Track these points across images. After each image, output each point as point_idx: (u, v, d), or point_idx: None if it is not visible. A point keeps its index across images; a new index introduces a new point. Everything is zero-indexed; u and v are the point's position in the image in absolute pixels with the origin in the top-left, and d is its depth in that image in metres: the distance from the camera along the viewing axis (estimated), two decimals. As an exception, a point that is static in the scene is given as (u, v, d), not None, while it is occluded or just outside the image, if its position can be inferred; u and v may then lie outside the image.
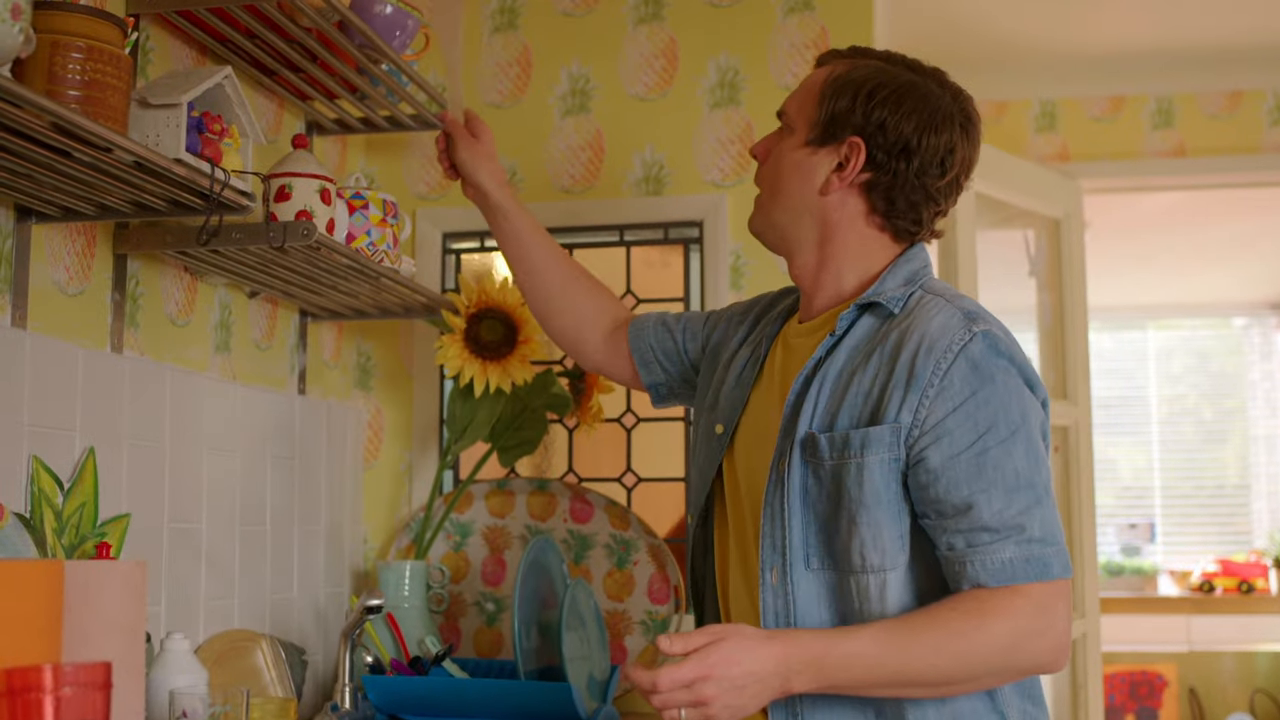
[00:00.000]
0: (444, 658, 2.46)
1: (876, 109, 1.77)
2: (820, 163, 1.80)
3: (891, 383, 1.67)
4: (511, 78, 2.99)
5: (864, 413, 1.69)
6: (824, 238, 1.83)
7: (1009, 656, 1.63)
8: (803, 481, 1.72)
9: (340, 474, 2.80)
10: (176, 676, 1.84)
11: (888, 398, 1.67)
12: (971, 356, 1.65)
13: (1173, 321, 7.56)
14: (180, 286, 2.26)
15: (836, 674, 1.60)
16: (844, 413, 1.70)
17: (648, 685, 1.55)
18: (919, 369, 1.65)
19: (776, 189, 1.85)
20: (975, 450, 1.63)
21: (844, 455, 1.68)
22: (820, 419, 1.72)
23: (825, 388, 1.74)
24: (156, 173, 1.76)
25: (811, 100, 1.81)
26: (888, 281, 1.79)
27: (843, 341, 1.76)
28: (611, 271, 2.92)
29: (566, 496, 2.81)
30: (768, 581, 1.72)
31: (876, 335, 1.74)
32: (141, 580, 1.60)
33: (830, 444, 1.69)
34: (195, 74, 1.90)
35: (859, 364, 1.73)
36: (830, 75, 1.81)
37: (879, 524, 1.66)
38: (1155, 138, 4.22)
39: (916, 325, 1.70)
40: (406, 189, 2.98)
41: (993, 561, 1.61)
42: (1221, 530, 7.38)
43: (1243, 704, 6.69)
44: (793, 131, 1.83)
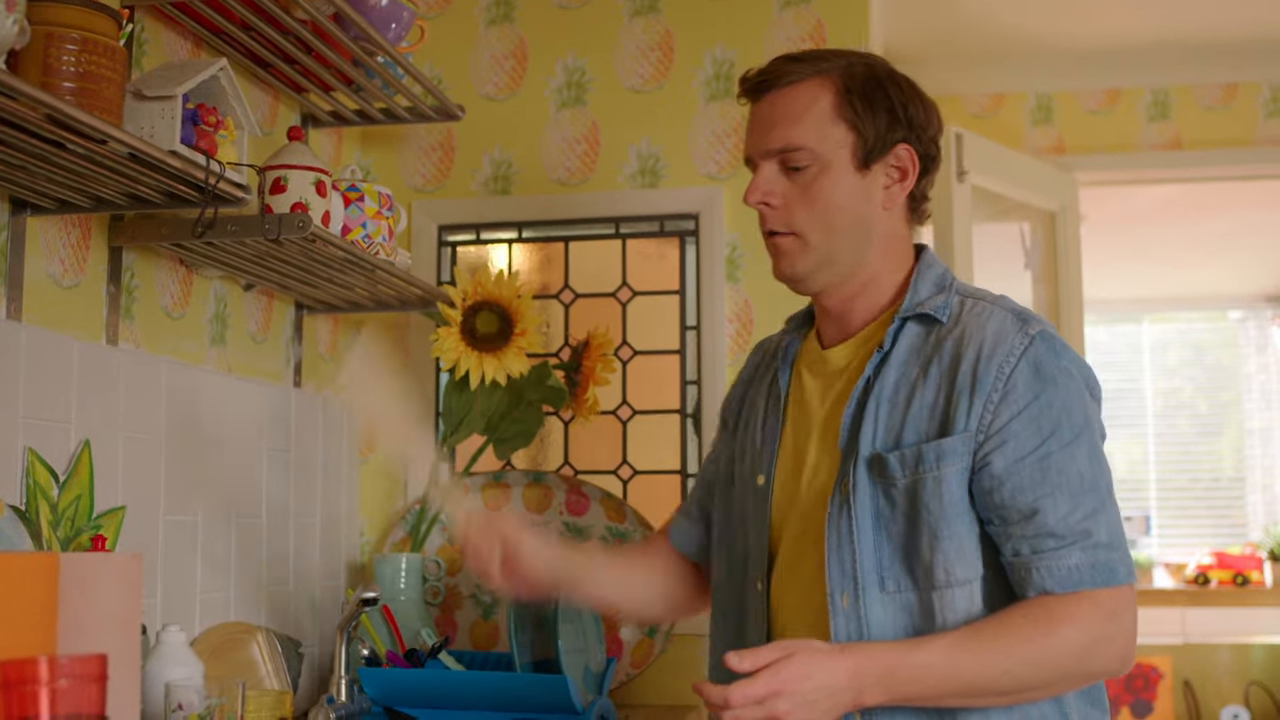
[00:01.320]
0: (440, 650, 2.46)
1: (910, 108, 1.74)
2: (874, 181, 1.73)
3: (955, 392, 1.65)
4: (507, 70, 2.98)
5: (930, 426, 1.66)
6: (878, 255, 1.76)
7: (1079, 663, 1.62)
8: (873, 503, 1.68)
9: (336, 467, 2.80)
10: (172, 669, 1.84)
11: (954, 407, 1.65)
12: (1034, 360, 1.65)
13: (1168, 315, 7.57)
14: (176, 279, 2.26)
15: (908, 685, 1.58)
16: (909, 428, 1.67)
17: (719, 701, 1.50)
18: (981, 375, 1.64)
19: (832, 226, 1.72)
20: (1039, 455, 1.63)
21: (918, 471, 1.65)
22: (883, 437, 1.68)
23: (883, 405, 1.69)
24: (151, 165, 1.76)
25: (828, 123, 1.71)
26: (921, 288, 1.76)
27: (890, 356, 1.72)
28: (607, 264, 2.92)
29: (562, 489, 2.81)
30: (839, 606, 1.67)
31: (927, 346, 1.71)
32: (137, 573, 1.59)
33: (901, 461, 1.66)
34: (190, 66, 1.90)
35: (917, 378, 1.69)
36: (839, 90, 1.72)
37: (960, 536, 1.65)
38: (1151, 130, 4.22)
39: (971, 333, 1.68)
40: (402, 181, 2.98)
41: (1059, 568, 1.61)
42: (1217, 523, 7.39)
43: (1238, 696, 6.70)
44: (822, 163, 1.71)
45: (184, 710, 1.73)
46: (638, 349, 2.89)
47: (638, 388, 2.89)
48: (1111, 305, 7.36)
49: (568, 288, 2.94)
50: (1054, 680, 1.63)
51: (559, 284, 2.94)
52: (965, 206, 3.56)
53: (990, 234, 3.92)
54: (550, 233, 2.96)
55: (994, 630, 1.61)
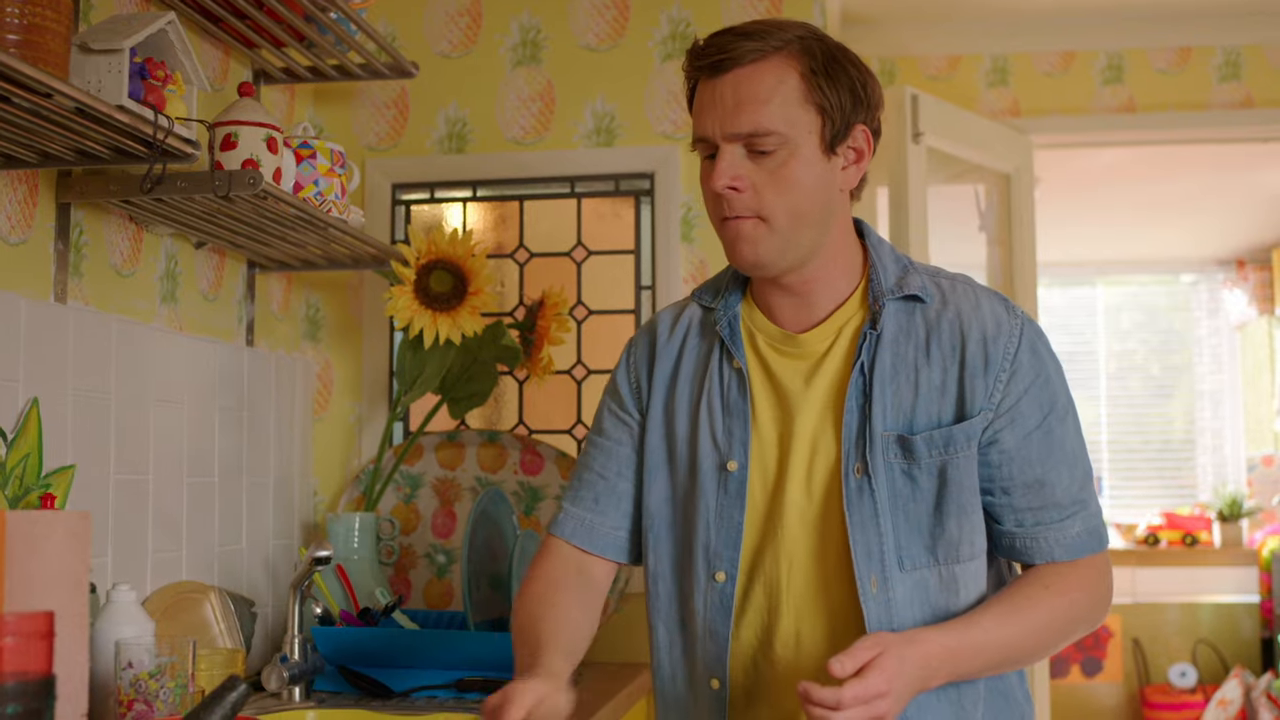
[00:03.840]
0: (394, 609, 2.46)
1: (867, 86, 1.70)
2: (836, 165, 1.70)
3: (967, 372, 1.68)
4: (461, 28, 2.96)
5: (944, 406, 1.69)
6: (832, 237, 1.72)
7: (1083, 624, 1.72)
8: (890, 484, 1.67)
9: (289, 426, 2.79)
10: (123, 627, 1.83)
11: (968, 388, 1.68)
12: (1030, 341, 1.72)
13: (1122, 278, 7.62)
14: (125, 236, 2.24)
15: (967, 664, 1.62)
16: (921, 409, 1.68)
17: (832, 703, 1.45)
18: (991, 355, 1.69)
19: (799, 211, 1.66)
20: (1043, 430, 1.70)
21: (948, 451, 1.67)
22: (893, 419, 1.68)
23: (887, 386, 1.69)
24: (99, 119, 1.74)
25: (797, 106, 1.66)
26: (886, 268, 1.75)
27: (881, 337, 1.70)
28: (562, 223, 2.92)
29: (517, 449, 2.81)
30: (868, 591, 1.65)
31: (915, 326, 1.71)
32: (85, 531, 1.58)
33: (929, 443, 1.67)
34: (138, 19, 1.88)
35: (917, 358, 1.70)
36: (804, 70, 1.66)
37: (978, 510, 1.70)
38: (1105, 93, 4.24)
39: (967, 313, 1.71)
40: (355, 139, 2.96)
41: (1065, 537, 1.69)
42: (1167, 484, 7.47)
43: (1185, 654, 6.80)
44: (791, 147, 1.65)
45: (134, 668, 1.72)
46: (592, 308, 2.89)
47: (592, 347, 2.89)
48: (1066, 268, 7.41)
49: (522, 247, 2.93)
50: (1063, 642, 1.72)
51: (514, 243, 2.94)
52: (920, 168, 3.57)
53: (945, 196, 3.93)
54: (505, 191, 2.95)
55: (1021, 601, 1.67)
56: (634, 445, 1.84)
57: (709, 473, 1.75)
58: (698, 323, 1.83)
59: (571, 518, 1.84)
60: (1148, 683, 6.76)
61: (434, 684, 2.28)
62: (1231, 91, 4.18)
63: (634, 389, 1.85)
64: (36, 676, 1.22)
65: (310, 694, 2.28)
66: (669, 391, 1.82)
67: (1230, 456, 7.41)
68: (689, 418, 1.78)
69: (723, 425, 1.75)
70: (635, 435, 1.84)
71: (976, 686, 1.69)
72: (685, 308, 1.87)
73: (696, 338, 1.82)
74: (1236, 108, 4.18)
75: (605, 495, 1.83)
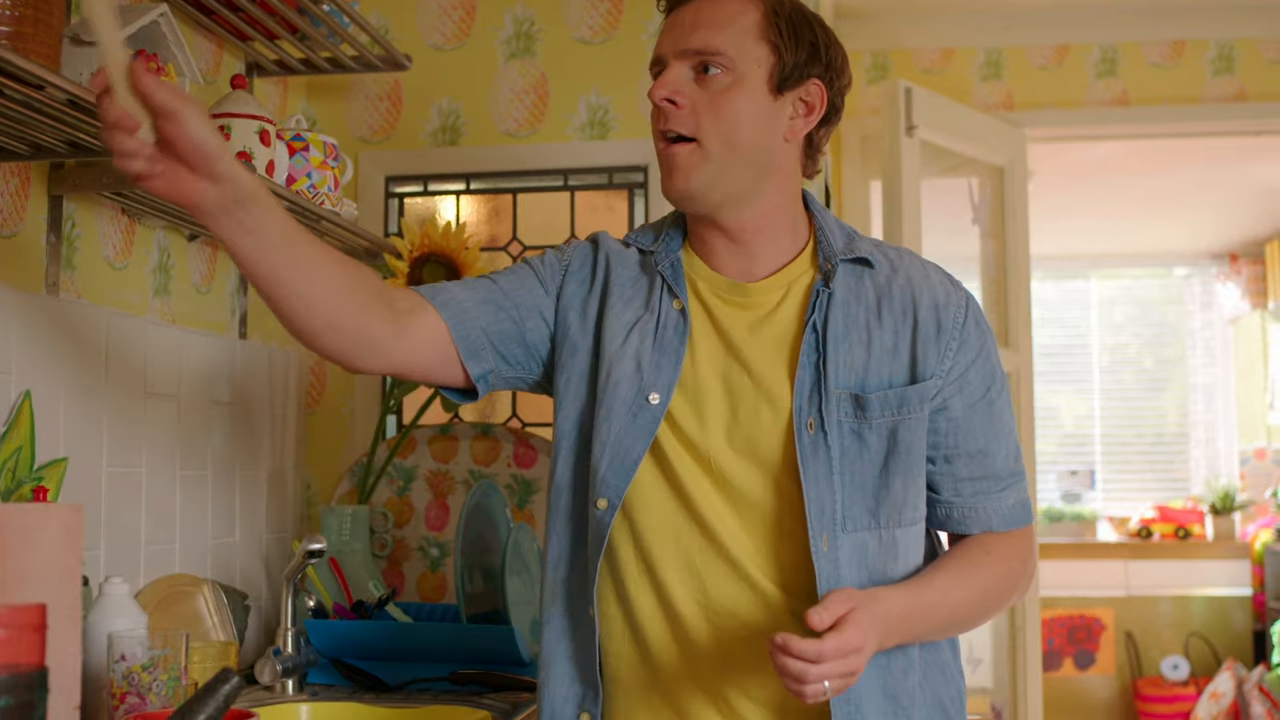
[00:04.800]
0: (387, 602, 2.46)
1: (830, 50, 1.71)
2: (782, 109, 1.69)
3: (920, 337, 1.69)
4: (455, 20, 2.96)
5: (896, 368, 1.69)
6: (774, 188, 1.72)
7: (1015, 593, 1.77)
8: (840, 442, 1.66)
9: (283, 419, 2.78)
10: (115, 620, 1.83)
11: (921, 351, 1.69)
12: (974, 313, 1.75)
13: (1115, 271, 7.63)
14: (118, 228, 2.23)
15: (919, 625, 1.64)
16: (873, 369, 1.68)
17: (814, 655, 1.44)
18: (944, 322, 1.71)
19: (734, 141, 1.66)
20: (986, 400, 1.73)
21: (901, 412, 1.67)
22: (845, 377, 1.67)
23: (840, 345, 1.67)
24: (90, 111, 1.73)
25: (751, 39, 1.66)
26: (834, 232, 1.76)
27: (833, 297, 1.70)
28: (556, 216, 2.91)
29: (510, 441, 2.81)
30: (820, 549, 1.63)
31: (864, 290, 1.71)
32: (78, 523, 1.58)
33: (884, 402, 1.67)
34: (130, 11, 1.87)
35: (868, 320, 1.70)
36: (767, 10, 1.68)
37: (923, 476, 1.72)
38: (1099, 87, 4.24)
39: (918, 280, 1.73)
40: (349, 131, 2.95)
41: (1002, 507, 1.74)
42: (1160, 478, 7.49)
43: (1178, 647, 6.82)
44: (737, 75, 1.65)
45: (127, 661, 1.72)
46: (586, 302, 2.89)
47: (586, 341, 2.89)
48: (1059, 261, 7.42)
49: (516, 239, 2.93)
50: (998, 609, 1.77)
51: (507, 236, 2.93)
52: (913, 161, 3.57)
53: (939, 189, 3.94)
54: (498, 184, 2.95)
55: (968, 566, 1.71)
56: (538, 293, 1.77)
57: (623, 399, 1.69)
58: (634, 263, 1.80)
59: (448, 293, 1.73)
60: (1140, 675, 6.78)
61: (428, 677, 2.28)
62: (1225, 85, 4.19)
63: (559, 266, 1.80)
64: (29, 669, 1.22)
65: (304, 687, 2.28)
66: (600, 309, 1.76)
67: (1223, 450, 7.43)
68: (620, 342, 1.73)
69: (651, 359, 1.71)
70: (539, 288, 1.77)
71: (909, 654, 1.68)
72: (619, 245, 1.83)
73: (632, 276, 1.78)
74: (1230, 101, 4.19)
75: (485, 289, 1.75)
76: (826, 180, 2.89)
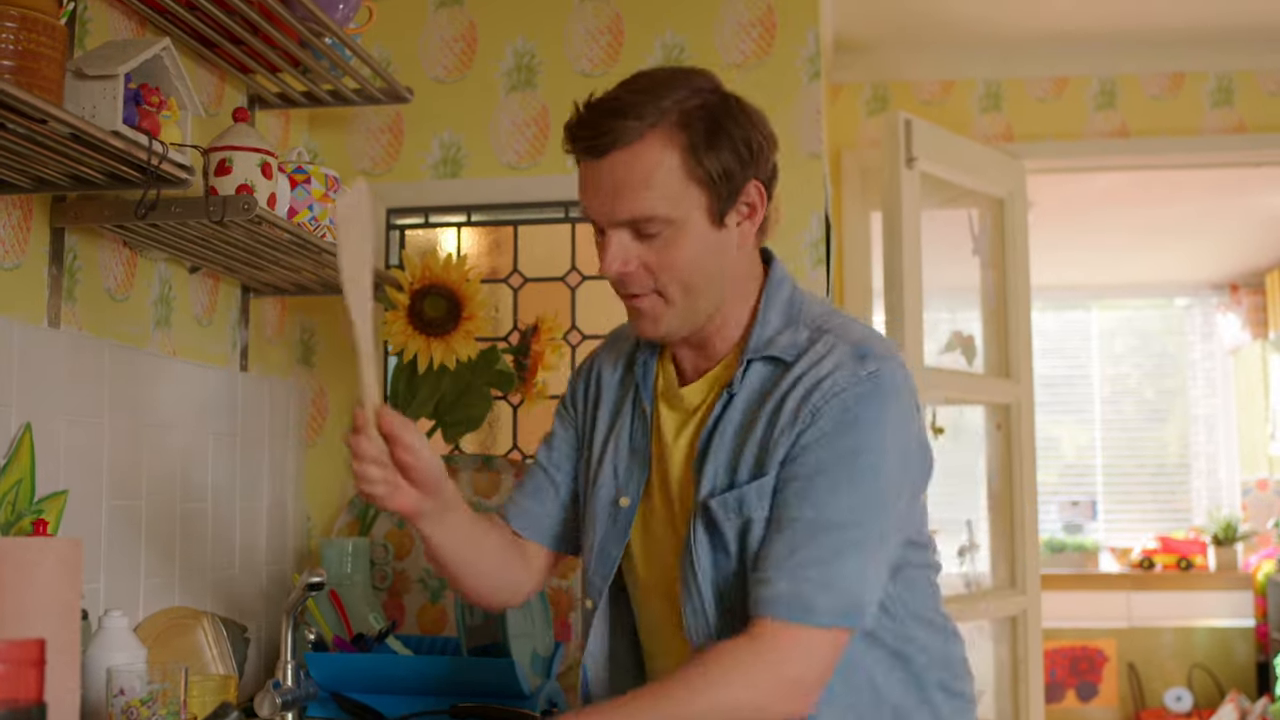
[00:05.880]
0: (387, 634, 2.45)
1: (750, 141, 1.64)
2: (729, 231, 1.66)
3: (776, 430, 1.63)
4: (456, 53, 2.97)
5: (753, 465, 1.64)
6: (733, 291, 1.71)
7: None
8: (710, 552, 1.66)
9: (283, 451, 2.78)
10: (114, 654, 1.83)
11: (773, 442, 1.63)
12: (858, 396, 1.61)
13: (1116, 302, 7.64)
14: (119, 261, 2.23)
15: None
16: (741, 469, 1.65)
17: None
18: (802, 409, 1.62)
19: (692, 285, 1.65)
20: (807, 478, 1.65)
21: (742, 512, 1.64)
22: (720, 478, 1.66)
23: (724, 447, 1.67)
24: (93, 145, 1.74)
25: (679, 185, 1.61)
26: (770, 320, 1.71)
27: (736, 398, 1.69)
28: (556, 248, 2.92)
29: (511, 473, 2.80)
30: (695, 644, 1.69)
31: (778, 385, 1.66)
32: (77, 557, 1.58)
33: (724, 506, 1.65)
34: (133, 45, 1.88)
35: (741, 419, 1.67)
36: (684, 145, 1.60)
37: None
38: (1098, 119, 4.25)
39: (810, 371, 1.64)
40: (350, 163, 2.96)
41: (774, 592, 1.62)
42: (1161, 508, 7.48)
43: (1181, 679, 6.79)
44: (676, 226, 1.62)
45: (125, 695, 1.72)
46: (586, 333, 2.89)
47: (587, 372, 2.89)
48: (1060, 292, 7.43)
49: (516, 272, 2.93)
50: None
51: (508, 268, 2.94)
52: (914, 193, 3.57)
53: (939, 220, 3.94)
54: (499, 216, 2.95)
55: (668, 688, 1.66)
56: (572, 443, 1.92)
57: (602, 504, 1.81)
58: (626, 359, 1.88)
59: (513, 503, 1.92)
60: (1143, 707, 6.75)
61: (428, 710, 2.26)
62: (1224, 117, 4.20)
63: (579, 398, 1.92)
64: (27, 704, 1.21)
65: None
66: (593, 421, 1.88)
67: (1225, 480, 7.42)
68: (601, 451, 1.84)
69: (626, 463, 1.80)
70: (572, 434, 1.92)
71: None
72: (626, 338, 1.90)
73: (623, 372, 1.88)
74: (1229, 133, 4.20)
75: (544, 485, 1.91)
76: (826, 212, 2.89)
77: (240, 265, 2.43)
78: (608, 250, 1.64)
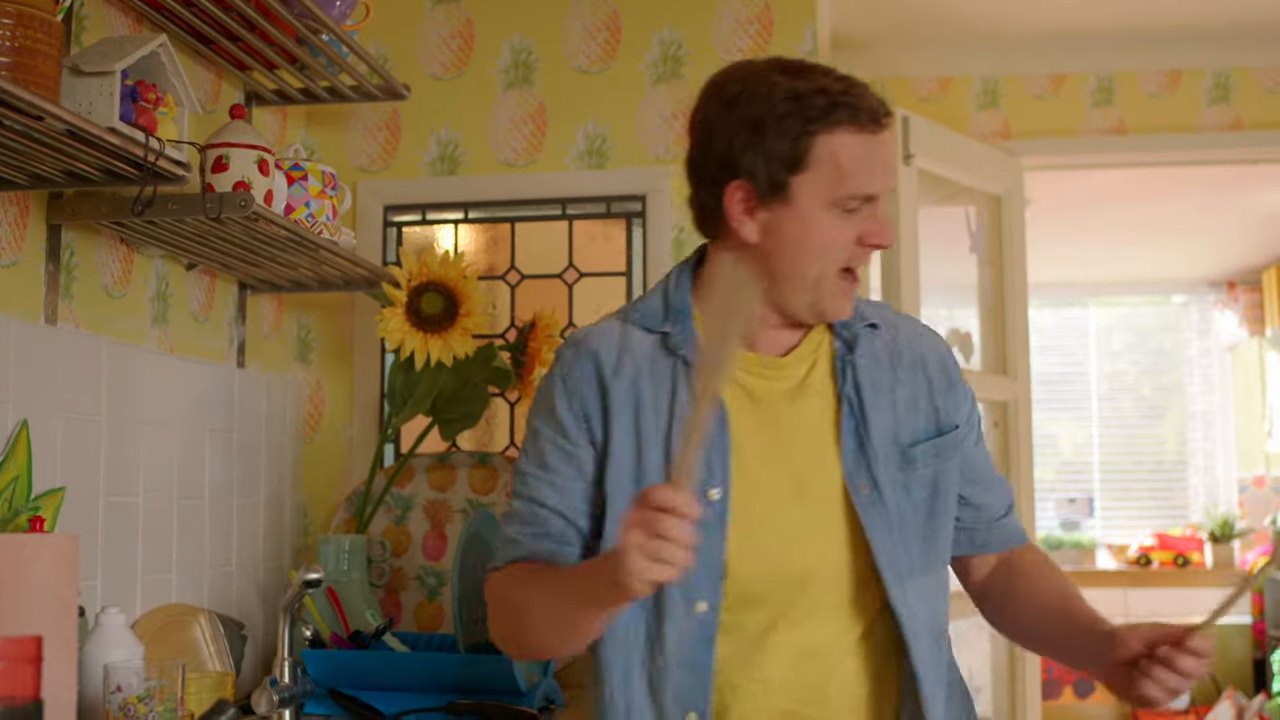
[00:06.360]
0: (384, 631, 2.45)
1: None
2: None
3: (936, 391, 1.79)
4: (453, 50, 2.97)
5: (923, 421, 1.77)
6: None
7: None
8: (895, 498, 1.72)
9: (280, 448, 2.78)
10: (111, 651, 1.83)
11: (941, 404, 1.79)
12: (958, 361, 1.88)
13: (1113, 299, 7.64)
14: (116, 258, 2.23)
15: None
16: (902, 425, 1.75)
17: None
18: (950, 374, 1.82)
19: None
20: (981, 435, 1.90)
21: (938, 461, 1.77)
22: (883, 436, 1.73)
23: (873, 407, 1.74)
24: (90, 141, 1.74)
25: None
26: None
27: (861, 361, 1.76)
28: (554, 245, 2.92)
29: (508, 470, 2.80)
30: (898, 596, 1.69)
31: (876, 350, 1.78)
32: (74, 554, 1.58)
33: (924, 455, 1.75)
34: (129, 41, 1.88)
35: (889, 379, 1.76)
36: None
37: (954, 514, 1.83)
38: (1096, 115, 4.25)
39: (915, 338, 1.82)
40: (347, 161, 2.96)
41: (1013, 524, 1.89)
42: (1159, 505, 7.48)
43: (1178, 676, 6.79)
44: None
45: (123, 692, 1.72)
46: (584, 330, 2.89)
47: (584, 369, 2.89)
48: (1057, 289, 7.43)
49: (514, 269, 2.93)
50: None
51: (505, 265, 2.94)
52: (911, 190, 3.57)
53: (936, 217, 3.94)
54: (497, 214, 2.96)
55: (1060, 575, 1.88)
56: (585, 479, 1.73)
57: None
58: (646, 347, 1.75)
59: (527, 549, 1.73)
60: (1140, 704, 6.75)
61: (425, 707, 2.27)
62: (1221, 114, 4.20)
63: (580, 421, 1.74)
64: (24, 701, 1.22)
65: (300, 717, 2.27)
66: (635, 421, 1.72)
67: (1222, 477, 7.43)
68: (661, 448, 1.70)
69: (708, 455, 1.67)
70: (586, 469, 1.73)
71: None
72: (618, 332, 1.77)
73: (648, 363, 1.74)
74: (1226, 130, 4.20)
75: (565, 531, 1.73)
76: (824, 209, 2.89)
77: (237, 262, 2.43)
78: (885, 219, 1.73)
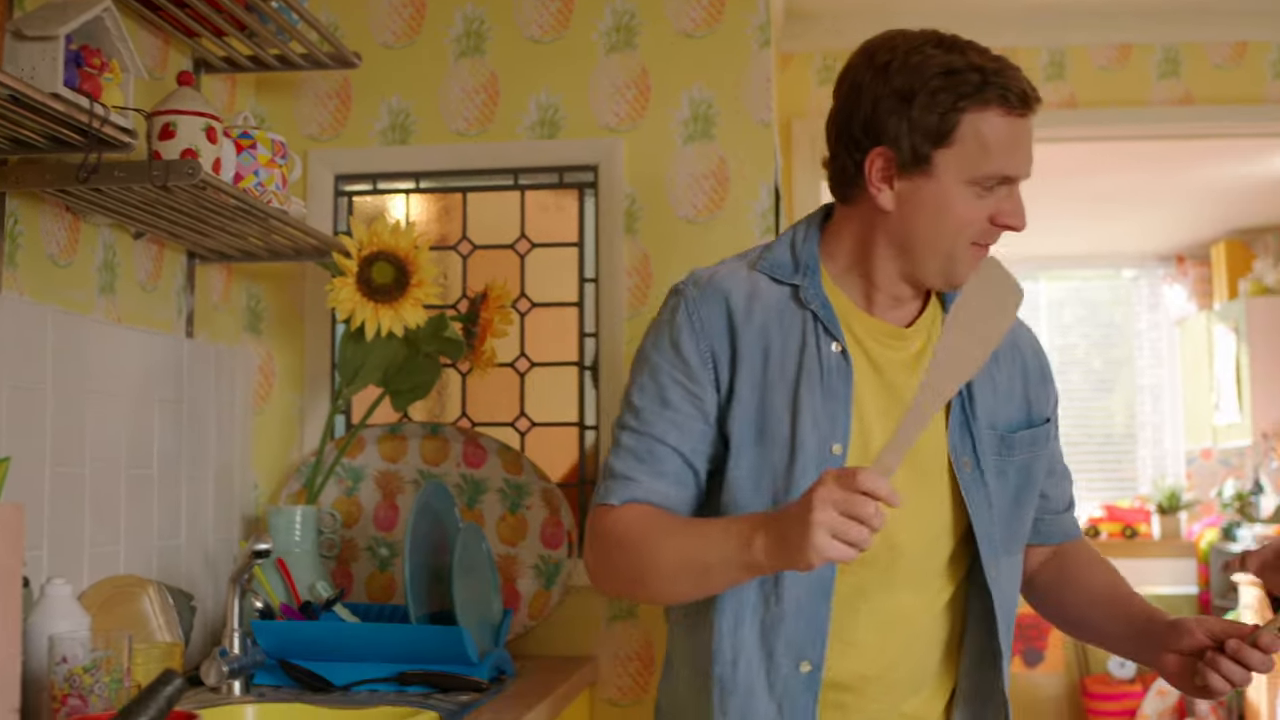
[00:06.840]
0: (335, 602, 2.45)
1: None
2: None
3: (1030, 381, 1.89)
4: (405, 18, 2.94)
5: (1019, 408, 1.86)
6: None
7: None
8: (995, 477, 1.80)
9: (229, 418, 2.76)
10: (57, 622, 1.81)
11: (1034, 394, 1.89)
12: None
13: (1064, 272, 7.70)
14: (62, 226, 2.21)
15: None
16: (1000, 409, 1.83)
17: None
18: (1044, 367, 1.93)
19: None
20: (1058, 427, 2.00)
21: (1033, 449, 1.86)
22: (985, 416, 1.81)
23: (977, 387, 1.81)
24: (33, 107, 1.72)
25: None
26: None
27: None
28: (505, 215, 2.91)
29: (459, 441, 2.80)
30: (992, 574, 1.79)
31: None
32: (18, 523, 1.57)
33: (1021, 441, 1.84)
34: (73, 6, 1.85)
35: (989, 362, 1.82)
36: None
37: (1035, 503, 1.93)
38: (1047, 90, 4.27)
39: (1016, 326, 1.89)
40: (297, 129, 2.93)
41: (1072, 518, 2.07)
42: (1108, 477, 7.56)
43: (1125, 645, 6.87)
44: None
45: (68, 663, 1.71)
46: (536, 301, 2.89)
47: (536, 340, 2.89)
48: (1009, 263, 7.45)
49: (465, 239, 2.92)
50: None
51: (457, 235, 2.93)
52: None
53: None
54: (448, 183, 2.94)
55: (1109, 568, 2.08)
56: (707, 421, 1.77)
57: (811, 454, 1.72)
58: (775, 297, 1.78)
59: (644, 488, 1.74)
60: (1088, 673, 6.83)
61: (375, 677, 2.27)
62: (1171, 89, 4.23)
63: (707, 360, 1.77)
64: (-34, 671, 1.21)
65: (250, 688, 2.27)
66: (763, 367, 1.75)
67: (1170, 450, 7.51)
68: (790, 397, 1.74)
69: (824, 408, 1.73)
70: (709, 410, 1.76)
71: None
72: (745, 277, 1.80)
73: (778, 313, 1.77)
74: (1176, 104, 4.23)
75: (681, 472, 1.76)
76: (776, 181, 2.90)
77: (185, 231, 2.41)
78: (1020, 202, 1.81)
